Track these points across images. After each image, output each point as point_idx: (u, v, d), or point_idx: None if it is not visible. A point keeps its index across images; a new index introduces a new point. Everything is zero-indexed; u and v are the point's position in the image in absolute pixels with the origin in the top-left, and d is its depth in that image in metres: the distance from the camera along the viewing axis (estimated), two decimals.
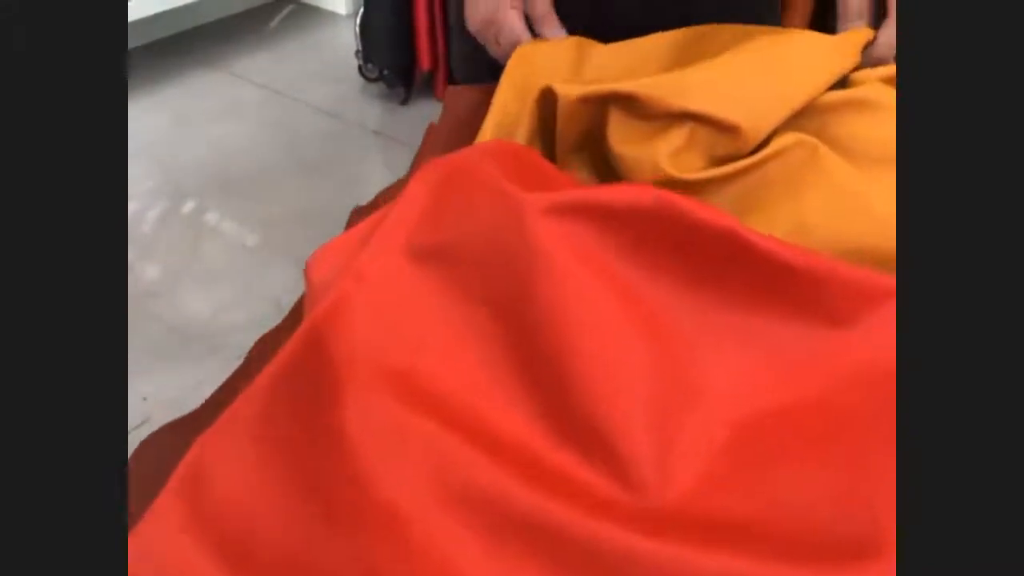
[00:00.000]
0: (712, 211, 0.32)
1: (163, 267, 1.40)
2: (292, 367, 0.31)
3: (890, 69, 0.40)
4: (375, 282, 0.33)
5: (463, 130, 0.46)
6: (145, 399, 1.15)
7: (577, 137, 0.41)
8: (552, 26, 0.50)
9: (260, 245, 1.45)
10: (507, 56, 0.50)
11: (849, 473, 0.28)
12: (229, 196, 1.56)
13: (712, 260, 0.32)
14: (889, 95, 0.39)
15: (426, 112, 1.79)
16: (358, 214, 0.48)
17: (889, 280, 0.32)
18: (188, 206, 1.54)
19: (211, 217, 1.53)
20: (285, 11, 2.17)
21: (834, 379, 0.31)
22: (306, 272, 0.36)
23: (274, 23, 2.14)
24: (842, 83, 0.40)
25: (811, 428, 0.30)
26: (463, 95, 0.55)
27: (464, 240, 0.33)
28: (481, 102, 0.46)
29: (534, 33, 0.50)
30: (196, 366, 1.21)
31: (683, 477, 0.28)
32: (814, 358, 0.31)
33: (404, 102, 1.81)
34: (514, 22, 0.50)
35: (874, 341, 0.31)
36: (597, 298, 0.31)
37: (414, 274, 0.33)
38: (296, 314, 0.40)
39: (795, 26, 0.55)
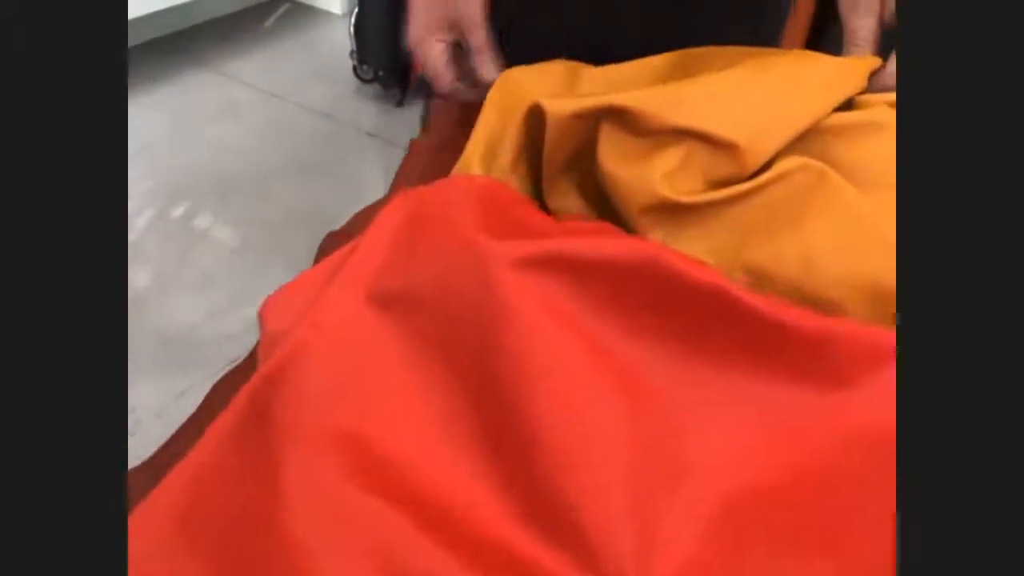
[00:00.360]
0: (697, 265, 0.30)
1: (154, 271, 1.39)
2: (233, 433, 0.29)
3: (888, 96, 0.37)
4: (333, 331, 0.30)
5: (445, 150, 0.43)
6: (133, 411, 1.13)
7: (566, 157, 0.38)
8: (486, 62, 0.46)
9: (254, 248, 1.44)
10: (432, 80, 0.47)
11: (847, 560, 0.25)
12: (222, 198, 1.55)
13: (698, 319, 0.29)
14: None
15: (421, 114, 1.78)
16: (331, 239, 0.46)
17: (895, 337, 0.28)
18: (181, 208, 1.53)
19: (204, 219, 1.52)
20: (280, 10, 2.17)
21: (833, 448, 0.28)
22: (260, 318, 0.34)
23: (269, 22, 2.13)
24: (847, 107, 0.38)
25: (807, 506, 0.27)
26: (447, 110, 0.52)
27: (428, 289, 0.30)
28: (465, 119, 0.43)
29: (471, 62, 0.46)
30: (186, 374, 1.20)
31: (664, 568, 0.25)
32: (811, 424, 0.28)
33: (399, 104, 1.80)
34: (437, 56, 0.47)
35: (877, 405, 0.28)
36: (569, 359, 0.28)
37: (375, 322, 0.30)
38: (254, 358, 0.37)
39: (792, 43, 0.54)
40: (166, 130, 1.73)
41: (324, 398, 0.29)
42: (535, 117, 0.37)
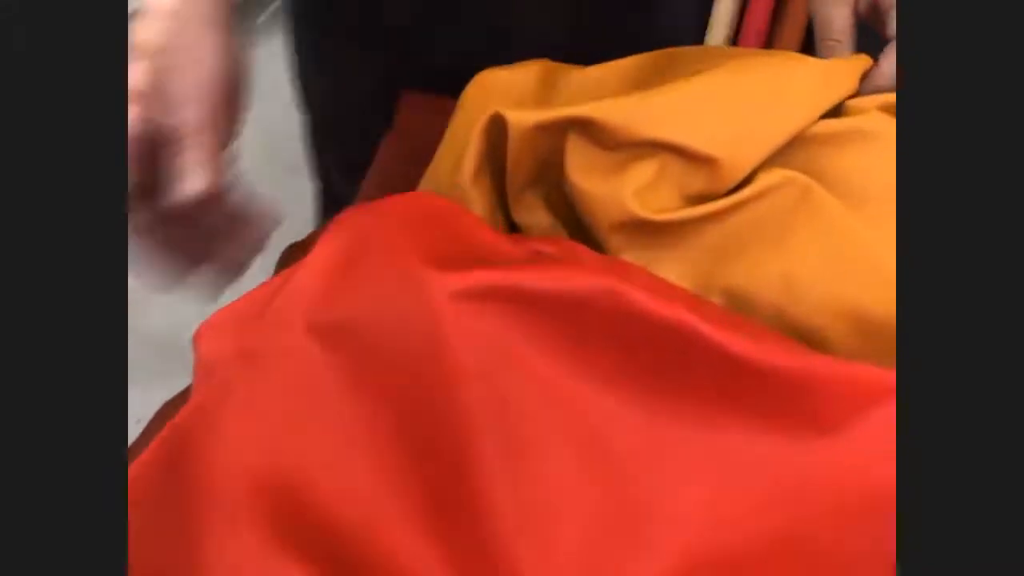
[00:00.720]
0: (660, 299, 0.27)
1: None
2: (149, 485, 0.26)
3: (892, 97, 0.34)
4: (268, 363, 0.28)
5: (414, 163, 0.40)
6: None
7: (531, 169, 0.36)
8: (194, 163, 0.30)
9: None
10: None
11: None
12: None
13: (660, 357, 0.27)
14: (891, 126, 0.33)
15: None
16: (290, 252, 0.43)
17: (886, 375, 0.26)
18: None
19: None
20: (272, 6, 2.15)
21: (816, 503, 0.25)
22: (194, 343, 0.31)
23: (262, 18, 2.12)
24: (835, 112, 0.35)
25: (782, 569, 0.24)
26: (418, 108, 0.49)
27: (366, 323, 0.28)
28: (437, 121, 0.40)
29: None
30: (179, 378, 1.16)
31: None
32: (785, 475, 0.26)
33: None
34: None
35: (866, 453, 0.25)
36: (515, 402, 0.26)
37: (312, 357, 0.28)
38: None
39: (791, 39, 0.52)
40: None
41: (252, 447, 0.26)
42: (497, 126, 0.35)
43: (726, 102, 0.33)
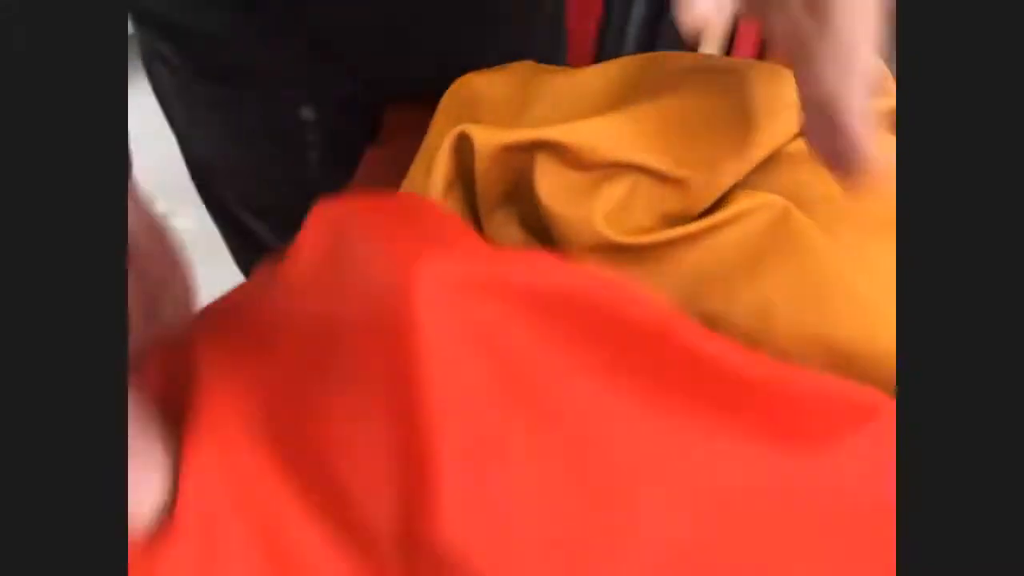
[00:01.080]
0: (645, 304, 0.26)
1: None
2: None
3: (887, 103, 0.33)
4: (248, 355, 0.28)
5: (397, 174, 0.39)
6: None
7: (502, 188, 0.35)
8: None
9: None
10: None
11: None
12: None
13: (646, 365, 0.26)
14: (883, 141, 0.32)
15: None
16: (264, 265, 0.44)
17: (871, 394, 0.26)
18: (162, 207, 1.51)
19: (189, 219, 1.50)
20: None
21: (799, 515, 0.25)
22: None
23: None
24: None
25: None
26: (406, 119, 0.48)
27: (347, 311, 0.27)
28: (420, 131, 0.39)
29: None
30: None
31: None
32: (773, 491, 0.25)
33: None
34: None
35: (852, 470, 0.25)
36: (490, 394, 0.25)
37: (292, 345, 0.28)
38: None
39: None
40: (148, 126, 1.71)
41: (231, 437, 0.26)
42: (465, 144, 0.34)
43: (697, 121, 0.32)
